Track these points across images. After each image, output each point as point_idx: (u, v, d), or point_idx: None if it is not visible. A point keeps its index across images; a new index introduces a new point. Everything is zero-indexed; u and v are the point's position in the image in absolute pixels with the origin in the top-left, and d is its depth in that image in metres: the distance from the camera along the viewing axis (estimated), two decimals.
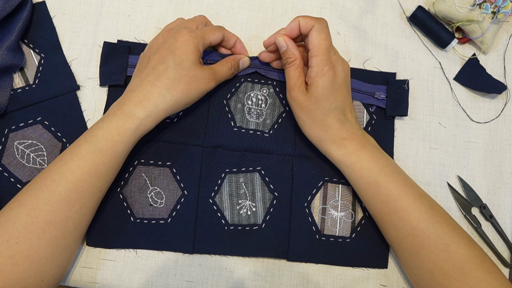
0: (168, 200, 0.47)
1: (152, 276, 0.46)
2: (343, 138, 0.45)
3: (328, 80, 0.44)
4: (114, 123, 0.42)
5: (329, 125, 0.45)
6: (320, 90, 0.44)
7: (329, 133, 0.45)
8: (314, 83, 0.44)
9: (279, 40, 0.46)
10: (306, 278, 0.48)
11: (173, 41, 0.44)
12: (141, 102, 0.42)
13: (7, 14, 0.48)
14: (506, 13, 0.52)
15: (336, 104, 0.44)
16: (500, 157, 0.53)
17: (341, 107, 0.45)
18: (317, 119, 0.45)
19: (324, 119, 0.45)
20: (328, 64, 0.44)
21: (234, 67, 0.48)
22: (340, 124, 0.45)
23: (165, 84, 0.42)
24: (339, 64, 0.45)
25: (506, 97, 0.54)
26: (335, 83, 0.44)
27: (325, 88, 0.44)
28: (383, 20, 0.55)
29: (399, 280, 0.48)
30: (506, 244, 0.50)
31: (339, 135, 0.45)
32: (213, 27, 0.47)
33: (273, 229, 0.48)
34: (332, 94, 0.44)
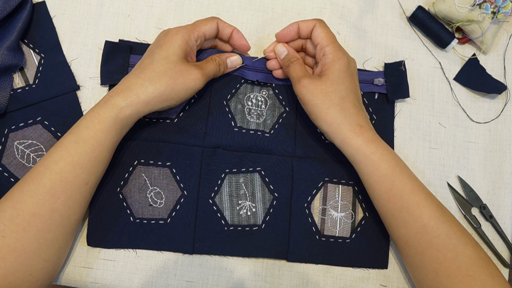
0: (168, 200, 0.47)
1: (152, 276, 0.46)
2: (361, 126, 0.44)
3: (344, 64, 0.45)
4: (95, 112, 0.42)
5: (346, 109, 0.44)
6: (337, 73, 0.44)
7: (348, 118, 0.44)
8: (330, 68, 0.44)
9: (278, 48, 0.48)
10: (306, 278, 0.48)
11: (163, 36, 0.45)
12: (123, 92, 0.42)
13: (7, 14, 0.48)
14: (506, 13, 0.52)
15: (351, 88, 0.45)
16: (500, 157, 0.53)
17: (356, 93, 0.45)
18: (334, 102, 0.44)
19: (342, 102, 0.44)
20: (341, 50, 0.45)
21: (221, 64, 0.48)
22: (357, 110, 0.45)
23: (148, 76, 0.43)
24: (348, 54, 0.46)
25: (506, 97, 0.54)
26: (350, 68, 0.45)
27: (342, 71, 0.44)
28: (383, 20, 0.55)
29: (399, 280, 0.48)
30: (506, 244, 0.50)
31: (357, 121, 0.44)
32: (206, 18, 0.47)
33: (273, 229, 0.48)
34: (348, 78, 0.45)
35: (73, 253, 0.46)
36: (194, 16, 0.53)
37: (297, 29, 0.47)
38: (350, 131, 0.44)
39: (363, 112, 0.45)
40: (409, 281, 0.48)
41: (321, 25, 0.46)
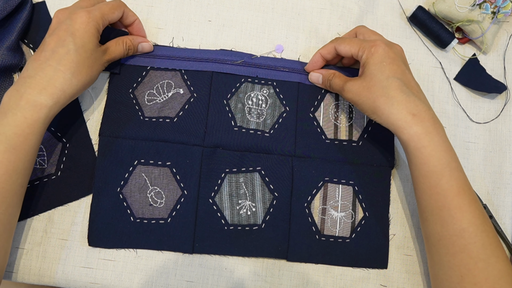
0: (168, 200, 0.47)
1: (152, 276, 0.46)
2: (413, 115, 0.42)
3: (379, 55, 0.44)
4: (21, 116, 0.39)
5: (393, 97, 0.42)
6: (373, 67, 0.43)
7: (396, 106, 0.42)
8: (367, 64, 0.44)
9: (312, 77, 0.50)
10: (306, 278, 0.48)
11: (71, 22, 0.42)
12: (46, 88, 0.40)
13: (7, 14, 0.48)
14: (506, 13, 0.52)
15: (394, 74, 0.43)
16: (500, 157, 0.53)
17: (401, 78, 0.43)
18: (378, 94, 0.43)
19: (386, 92, 0.42)
20: (372, 45, 0.44)
21: (130, 48, 0.48)
22: (406, 96, 0.42)
23: (69, 68, 0.41)
24: (385, 44, 0.45)
25: (506, 97, 0.54)
26: (387, 57, 0.44)
27: (378, 62, 0.43)
28: (383, 20, 0.55)
29: (399, 280, 0.48)
30: (506, 244, 0.50)
31: (408, 109, 0.42)
32: (112, 4, 0.46)
33: (273, 229, 0.48)
34: (387, 67, 0.43)
35: (73, 253, 0.46)
36: (194, 16, 0.53)
37: (321, 58, 0.49)
38: (401, 120, 0.42)
39: (414, 98, 0.43)
40: (409, 281, 0.48)
41: (340, 42, 0.47)
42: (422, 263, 0.49)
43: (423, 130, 0.41)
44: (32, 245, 0.46)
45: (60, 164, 0.47)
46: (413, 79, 0.45)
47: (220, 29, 0.53)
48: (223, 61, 0.51)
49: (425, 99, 0.44)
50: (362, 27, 0.50)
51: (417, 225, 0.50)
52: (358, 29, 0.50)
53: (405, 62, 0.46)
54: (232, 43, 0.52)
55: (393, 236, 0.49)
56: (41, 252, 0.46)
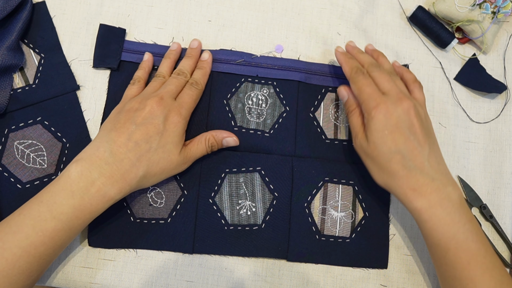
0: (168, 200, 0.47)
1: (152, 276, 0.46)
2: (413, 190, 0.41)
3: (380, 122, 0.42)
4: (87, 202, 0.39)
5: (394, 172, 0.41)
6: (374, 134, 0.42)
7: (397, 181, 0.41)
8: (369, 128, 0.43)
9: (341, 90, 0.48)
10: (306, 278, 0.48)
11: (163, 122, 0.42)
12: (118, 182, 0.40)
13: (7, 14, 0.48)
14: (506, 13, 0.52)
15: (395, 147, 0.41)
16: (500, 157, 0.53)
17: (403, 151, 0.41)
18: (381, 166, 0.42)
19: (388, 165, 0.42)
20: (375, 106, 0.42)
21: (213, 145, 0.46)
22: (407, 172, 0.41)
23: (143, 166, 0.41)
24: (390, 105, 0.42)
25: (506, 97, 0.54)
26: (389, 125, 0.42)
27: (379, 130, 0.42)
28: (383, 20, 0.55)
29: (399, 280, 0.48)
30: (506, 244, 0.50)
31: (408, 184, 0.41)
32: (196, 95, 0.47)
33: (273, 229, 0.48)
34: (389, 137, 0.41)
35: (73, 253, 0.46)
36: (194, 16, 0.53)
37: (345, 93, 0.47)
38: (401, 194, 0.42)
39: (416, 172, 0.41)
40: (409, 281, 0.48)
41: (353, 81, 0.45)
42: (422, 263, 0.49)
43: (424, 204, 0.40)
44: None
45: (60, 164, 0.47)
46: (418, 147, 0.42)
47: (220, 29, 0.53)
48: (223, 61, 0.51)
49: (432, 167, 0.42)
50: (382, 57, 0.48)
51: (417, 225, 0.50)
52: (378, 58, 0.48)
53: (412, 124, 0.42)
54: (232, 43, 0.52)
55: (393, 236, 0.49)
56: None
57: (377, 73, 0.45)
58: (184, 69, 0.48)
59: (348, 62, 0.47)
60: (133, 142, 0.41)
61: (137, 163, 0.41)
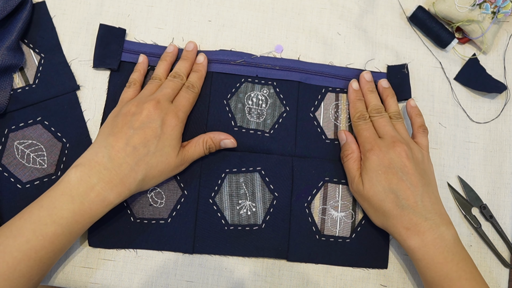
0: (168, 200, 0.47)
1: (152, 276, 0.46)
2: (407, 229, 0.43)
3: (373, 163, 0.44)
4: (87, 207, 0.39)
5: (388, 212, 0.43)
6: (369, 174, 0.44)
7: (391, 220, 0.43)
8: (363, 169, 0.45)
9: (340, 133, 0.50)
10: (306, 278, 0.48)
11: (161, 125, 0.42)
12: (117, 186, 0.40)
13: (7, 14, 0.48)
14: (506, 13, 0.52)
15: (389, 187, 0.43)
16: (500, 157, 0.53)
17: (396, 190, 0.43)
18: (375, 206, 0.44)
19: (381, 205, 0.44)
20: (370, 149, 0.45)
21: (211, 147, 0.46)
22: (400, 211, 0.43)
23: (142, 170, 0.41)
24: (383, 147, 0.45)
25: (506, 97, 0.54)
26: (382, 165, 0.44)
27: (373, 171, 0.44)
28: (383, 20, 0.55)
29: (399, 280, 0.48)
30: (506, 244, 0.50)
31: (402, 223, 0.43)
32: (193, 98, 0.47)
33: (273, 229, 0.48)
34: (383, 176, 0.44)
35: (73, 253, 0.46)
36: (194, 16, 0.53)
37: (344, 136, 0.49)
38: (397, 233, 0.43)
39: (409, 211, 0.43)
40: (409, 281, 0.48)
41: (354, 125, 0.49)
42: None
43: (417, 243, 0.42)
44: None
45: (60, 164, 0.47)
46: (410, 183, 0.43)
47: (220, 29, 0.53)
48: (223, 61, 0.51)
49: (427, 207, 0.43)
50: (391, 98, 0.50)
51: None
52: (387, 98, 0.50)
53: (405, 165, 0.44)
54: (232, 43, 0.52)
55: None
56: None
57: (377, 118, 0.48)
58: (180, 71, 0.48)
59: (355, 105, 0.50)
60: (131, 146, 0.41)
61: (135, 167, 0.41)
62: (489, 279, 0.49)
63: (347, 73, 0.52)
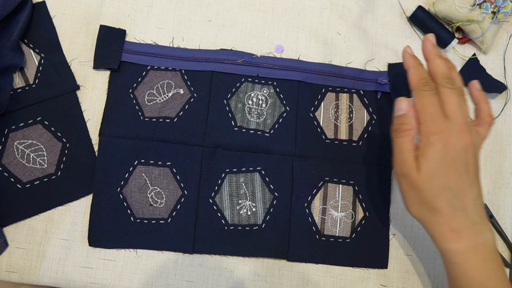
0: (168, 200, 0.47)
1: (152, 276, 0.46)
2: (453, 231, 0.38)
3: (438, 152, 0.37)
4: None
5: (438, 210, 0.38)
6: (431, 164, 0.38)
7: (437, 219, 0.39)
8: (424, 155, 0.38)
9: (401, 102, 0.41)
10: (306, 278, 0.48)
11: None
12: None
13: (7, 14, 0.48)
14: (506, 13, 0.52)
15: (448, 183, 0.38)
16: (500, 157, 0.53)
17: (454, 189, 0.38)
18: (425, 200, 0.39)
19: (433, 200, 0.38)
20: (436, 132, 0.38)
21: None
22: (452, 211, 0.38)
23: None
24: (454, 136, 0.38)
25: (506, 97, 0.54)
26: (447, 157, 0.38)
27: (436, 161, 0.37)
28: (383, 20, 0.55)
29: (399, 280, 0.48)
30: (506, 244, 0.50)
31: (449, 225, 0.38)
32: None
33: (273, 229, 0.48)
34: (443, 170, 0.38)
35: (73, 253, 0.46)
36: (194, 16, 0.53)
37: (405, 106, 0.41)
38: (438, 232, 0.39)
39: (461, 213, 0.38)
40: (409, 281, 0.48)
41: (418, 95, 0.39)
42: (422, 263, 0.49)
43: (459, 248, 0.38)
44: (32, 245, 0.46)
45: (60, 164, 0.47)
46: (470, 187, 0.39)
47: (220, 29, 0.53)
48: (223, 61, 0.51)
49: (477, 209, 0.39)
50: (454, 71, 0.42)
51: (417, 225, 0.50)
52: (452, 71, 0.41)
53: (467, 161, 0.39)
54: (232, 43, 0.52)
55: (393, 236, 0.49)
56: (41, 252, 0.46)
57: (449, 92, 0.39)
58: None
59: (417, 70, 0.41)
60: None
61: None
62: None
63: (348, 72, 0.52)
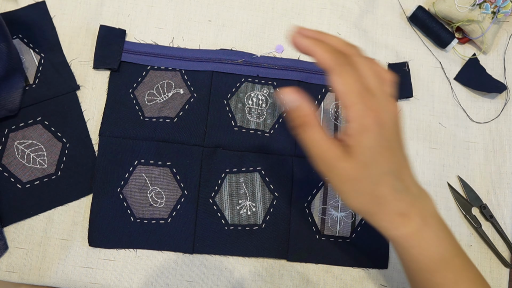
0: (168, 200, 0.47)
1: (152, 276, 0.46)
2: (401, 215, 0.34)
3: (375, 137, 0.31)
4: None
5: (381, 197, 0.33)
6: (367, 152, 0.32)
7: (382, 207, 0.34)
8: (357, 144, 0.32)
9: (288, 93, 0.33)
10: (306, 278, 0.48)
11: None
12: None
13: None
14: (506, 13, 0.52)
15: (388, 167, 0.33)
16: (500, 157, 0.53)
17: (396, 171, 0.33)
18: (365, 191, 0.33)
19: (375, 189, 0.33)
20: (368, 114, 0.31)
21: None
22: (397, 195, 0.34)
23: None
24: (384, 111, 0.32)
25: (506, 97, 0.54)
26: (384, 139, 0.32)
27: (373, 147, 0.32)
28: (383, 20, 0.55)
29: (399, 280, 0.48)
30: (506, 244, 0.50)
31: (396, 210, 0.34)
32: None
33: (273, 229, 0.48)
34: (382, 155, 0.32)
35: (73, 253, 0.46)
36: (194, 16, 0.53)
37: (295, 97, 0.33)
38: (385, 221, 0.34)
39: (406, 194, 0.34)
40: None
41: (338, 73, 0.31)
42: None
43: (411, 230, 0.34)
44: (32, 245, 0.46)
45: (60, 164, 0.47)
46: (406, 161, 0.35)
47: (220, 29, 0.53)
48: (223, 61, 0.51)
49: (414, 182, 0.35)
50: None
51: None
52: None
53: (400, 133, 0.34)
54: (232, 43, 0.52)
55: None
56: (41, 252, 0.46)
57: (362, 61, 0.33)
58: None
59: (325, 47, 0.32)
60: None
61: None
62: (489, 279, 0.49)
63: None
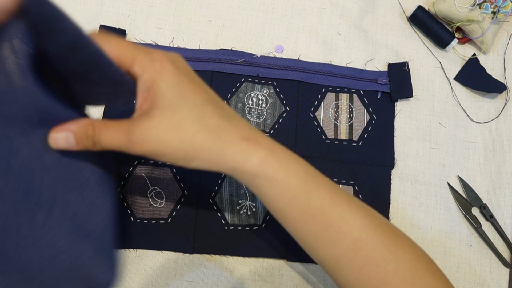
0: (168, 200, 0.47)
1: (152, 276, 0.46)
2: (247, 138, 0.32)
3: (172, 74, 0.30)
4: None
5: (214, 127, 0.31)
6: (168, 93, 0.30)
7: (222, 138, 0.31)
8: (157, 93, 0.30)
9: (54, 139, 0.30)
10: (306, 278, 0.48)
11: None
12: None
13: None
14: (506, 13, 0.52)
15: (202, 97, 0.31)
16: (500, 157, 0.53)
17: (211, 99, 0.32)
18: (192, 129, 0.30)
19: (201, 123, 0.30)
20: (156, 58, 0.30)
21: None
22: (228, 121, 0.32)
23: None
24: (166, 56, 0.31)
25: (506, 97, 0.54)
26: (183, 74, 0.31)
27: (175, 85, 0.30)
28: (383, 20, 0.55)
29: None
30: (506, 244, 0.50)
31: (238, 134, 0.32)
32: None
33: (273, 229, 0.48)
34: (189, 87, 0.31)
35: None
36: (194, 16, 0.53)
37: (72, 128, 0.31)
38: (236, 152, 0.31)
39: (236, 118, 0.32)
40: None
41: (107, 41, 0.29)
42: None
43: (266, 152, 0.32)
44: None
45: None
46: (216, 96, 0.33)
47: (220, 29, 0.53)
48: (223, 61, 0.51)
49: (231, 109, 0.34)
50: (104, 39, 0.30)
51: (417, 225, 0.50)
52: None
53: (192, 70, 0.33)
54: (232, 43, 0.52)
55: None
56: None
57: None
58: None
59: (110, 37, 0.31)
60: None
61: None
62: (489, 279, 0.49)
63: (347, 72, 0.52)
